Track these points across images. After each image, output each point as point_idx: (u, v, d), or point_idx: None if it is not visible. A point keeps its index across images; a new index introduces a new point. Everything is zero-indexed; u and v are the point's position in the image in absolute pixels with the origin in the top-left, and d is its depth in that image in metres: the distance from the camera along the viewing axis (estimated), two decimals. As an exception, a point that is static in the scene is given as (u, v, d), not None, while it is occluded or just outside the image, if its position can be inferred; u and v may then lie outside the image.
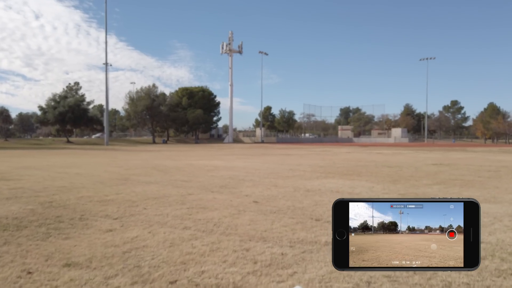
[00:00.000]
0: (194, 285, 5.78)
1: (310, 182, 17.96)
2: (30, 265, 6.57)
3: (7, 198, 13.29)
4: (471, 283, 5.85)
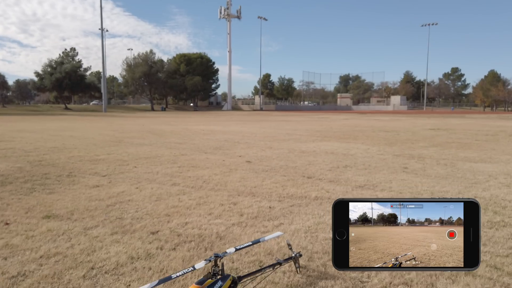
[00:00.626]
0: (176, 235, 5.62)
1: (305, 145, 17.74)
2: (8, 216, 6.40)
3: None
4: (461, 234, 5.69)
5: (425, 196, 7.82)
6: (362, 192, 8.29)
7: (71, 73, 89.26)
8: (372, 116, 59.08)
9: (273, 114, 67.81)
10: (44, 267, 4.43)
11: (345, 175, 10.28)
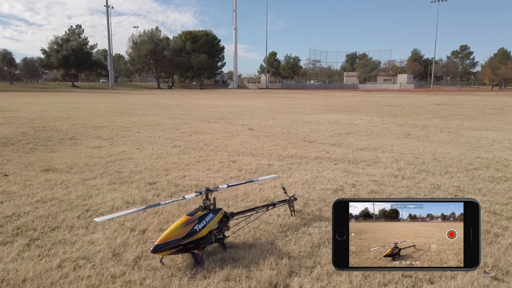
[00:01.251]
0: (174, 185, 5.62)
1: (308, 116, 17.60)
2: (8, 170, 6.44)
3: (0, 124, 13.14)
4: (461, 186, 5.62)
5: (426, 157, 7.72)
6: (363, 153, 8.21)
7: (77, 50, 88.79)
8: (378, 93, 58.42)
9: (279, 92, 67.33)
10: (39, 209, 4.46)
11: (347, 140, 10.19)
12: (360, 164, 7.17)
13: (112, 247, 3.48)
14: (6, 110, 19.14)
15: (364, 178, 6.07)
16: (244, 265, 3.16)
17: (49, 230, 3.88)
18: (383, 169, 6.73)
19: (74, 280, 2.91)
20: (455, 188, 5.50)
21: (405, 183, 5.75)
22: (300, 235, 3.81)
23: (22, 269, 3.03)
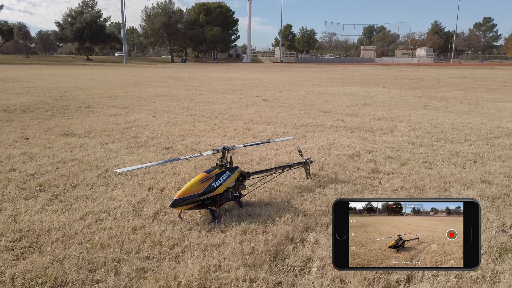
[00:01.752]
0: (189, 150, 5.67)
1: (324, 88, 17.37)
2: (28, 134, 6.58)
3: (19, 93, 13.35)
4: (481, 153, 5.53)
5: (445, 127, 7.59)
6: (379, 122, 8.11)
7: (91, 23, 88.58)
8: (396, 67, 57.10)
9: (293, 66, 66.42)
10: (60, 169, 4.57)
11: (363, 110, 10.05)
12: (376, 132, 7.09)
13: (131, 203, 3.56)
14: (23, 81, 19.38)
15: (381, 145, 6.02)
16: (260, 221, 3.20)
17: (71, 187, 3.99)
18: (400, 137, 6.65)
19: (96, 230, 3.00)
20: (474, 155, 5.41)
21: (422, 150, 5.68)
22: (316, 195, 3.83)
23: (46, 220, 3.14)
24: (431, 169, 4.73)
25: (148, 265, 2.53)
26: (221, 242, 2.86)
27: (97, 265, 2.50)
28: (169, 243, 2.82)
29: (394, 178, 4.38)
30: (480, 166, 4.86)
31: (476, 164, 4.99)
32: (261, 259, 2.62)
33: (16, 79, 20.58)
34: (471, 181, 4.28)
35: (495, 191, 3.95)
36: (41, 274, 2.36)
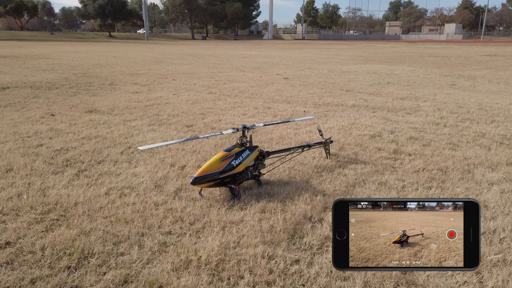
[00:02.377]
0: (210, 128, 5.72)
1: (346, 66, 17.02)
2: (54, 110, 6.76)
3: (44, 70, 13.64)
4: (508, 134, 5.37)
5: (471, 107, 7.36)
6: (403, 102, 7.93)
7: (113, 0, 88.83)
8: (422, 44, 55.22)
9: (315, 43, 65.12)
10: (85, 145, 4.70)
11: (386, 89, 9.83)
12: (399, 112, 6.95)
13: (153, 180, 3.65)
14: (48, 57, 19.75)
15: (404, 125, 5.91)
16: (279, 200, 3.24)
17: (95, 163, 4.11)
18: (424, 117, 6.50)
19: (120, 205, 3.10)
20: (501, 137, 5.25)
21: (447, 131, 5.55)
22: (335, 175, 3.83)
23: (73, 194, 3.26)
24: (455, 151, 4.63)
25: (169, 239, 2.61)
26: (240, 220, 2.92)
27: (121, 238, 2.60)
28: (189, 219, 2.89)
29: (416, 159, 4.32)
30: (507, 148, 4.73)
31: (502, 146, 4.85)
32: (279, 237, 2.66)
33: (41, 55, 20.98)
34: (496, 163, 4.18)
35: (521, 174, 3.85)
36: (68, 246, 2.47)
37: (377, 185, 3.58)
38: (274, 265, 2.35)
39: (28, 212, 2.94)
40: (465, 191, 3.48)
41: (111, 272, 2.22)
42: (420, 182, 3.65)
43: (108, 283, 2.13)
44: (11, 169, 3.83)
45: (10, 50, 26.09)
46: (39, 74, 12.29)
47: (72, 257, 2.36)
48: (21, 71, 13.04)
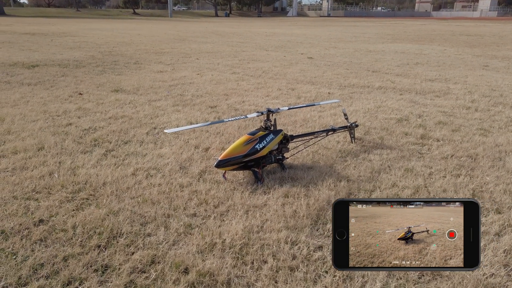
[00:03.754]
0: (233, 109, 5.72)
1: (373, 45, 16.54)
2: (82, 89, 6.89)
3: (71, 48, 13.87)
4: (541, 121, 5.14)
5: (505, 90, 7.06)
6: (432, 84, 7.68)
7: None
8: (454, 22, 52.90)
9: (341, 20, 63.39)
10: (112, 125, 4.80)
11: (415, 70, 9.53)
12: (428, 95, 6.75)
13: (178, 161, 3.70)
14: (75, 35, 20.04)
15: (432, 109, 5.74)
16: (302, 185, 3.23)
17: (122, 143, 4.19)
18: (454, 100, 6.29)
19: (147, 186, 3.17)
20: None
21: (478, 115, 5.36)
22: (360, 161, 3.78)
23: (101, 174, 3.36)
24: (485, 137, 4.48)
25: (194, 222, 2.66)
26: (264, 204, 2.94)
27: (148, 219, 2.67)
28: (214, 202, 2.93)
29: (444, 145, 4.21)
30: (542, 136, 4.54)
31: (537, 133, 4.66)
32: (302, 223, 2.67)
33: (68, 33, 21.29)
34: (529, 151, 4.02)
35: (556, 164, 3.70)
36: (98, 225, 2.56)
37: (403, 172, 3.52)
38: (297, 250, 2.37)
39: (60, 190, 3.05)
40: (495, 179, 3.38)
41: (138, 252, 2.30)
42: (448, 170, 3.57)
43: (136, 263, 2.20)
44: (42, 147, 3.96)
45: (38, 27, 26.58)
46: (66, 52, 12.51)
47: (102, 236, 2.45)
48: (49, 49, 13.31)
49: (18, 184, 3.13)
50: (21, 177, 3.25)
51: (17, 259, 2.21)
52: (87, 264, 2.18)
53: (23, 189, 3.05)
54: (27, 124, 4.75)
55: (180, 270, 2.14)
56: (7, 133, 4.37)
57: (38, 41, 16.18)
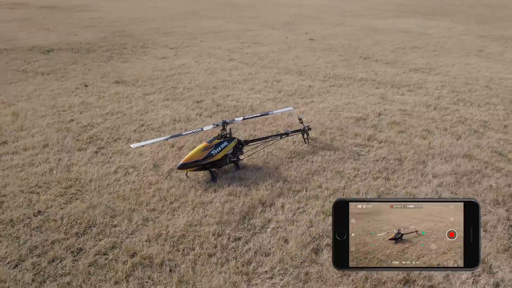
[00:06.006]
0: (216, 105, 6.47)
1: (382, 21, 16.57)
2: (88, 80, 7.75)
3: (86, 26, 14.67)
4: (490, 120, 5.68)
5: (479, 84, 7.47)
6: (413, 76, 8.14)
7: None
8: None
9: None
10: (107, 121, 5.66)
11: (407, 57, 9.90)
12: (401, 89, 7.27)
13: (154, 160, 4.55)
14: (92, 9, 20.71)
15: (395, 107, 6.32)
16: (247, 184, 4.03)
17: (112, 141, 5.07)
18: (422, 96, 6.82)
19: (123, 183, 4.05)
20: (481, 123, 5.59)
21: (432, 115, 5.93)
22: (304, 162, 4.52)
23: (90, 171, 4.25)
24: (424, 139, 5.10)
25: (151, 215, 3.53)
26: (210, 201, 3.77)
27: (117, 212, 3.56)
28: (171, 199, 3.78)
29: (383, 147, 4.87)
30: (476, 138, 5.12)
31: (475, 134, 5.24)
32: (233, 218, 3.50)
33: (85, 7, 21.95)
34: (454, 154, 4.65)
35: (469, 167, 4.34)
36: (79, 217, 3.47)
37: (334, 174, 4.25)
38: (219, 241, 3.22)
39: (56, 186, 3.97)
40: (405, 182, 4.08)
41: (104, 239, 3.20)
42: (372, 172, 4.28)
43: (101, 247, 3.10)
44: (47, 144, 4.88)
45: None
46: (80, 32, 13.31)
47: (81, 226, 3.35)
48: (65, 28, 14.16)
49: (25, 179, 4.07)
50: (28, 173, 4.18)
51: (20, 242, 3.15)
52: (67, 247, 3.09)
53: (29, 183, 3.99)
54: (37, 120, 5.67)
55: (129, 254, 3.02)
56: (20, 130, 5.31)
57: (56, 17, 17.02)
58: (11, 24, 15.09)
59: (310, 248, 3.13)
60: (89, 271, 2.83)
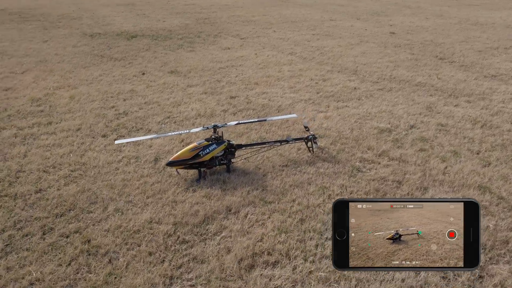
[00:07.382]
0: (246, 102, 6.55)
1: (492, 13, 14.55)
2: (147, 68, 8.45)
3: (177, 13, 15.77)
4: None
5: None
6: (486, 83, 7.12)
7: None
8: None
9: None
10: (141, 111, 6.18)
11: (492, 59, 8.65)
12: (459, 99, 6.48)
13: (159, 153, 4.88)
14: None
15: (435, 119, 5.66)
16: (226, 189, 4.11)
17: (135, 130, 5.55)
18: (478, 109, 5.99)
19: (120, 172, 4.45)
20: None
21: (473, 134, 5.17)
22: (295, 172, 4.40)
23: (99, 158, 4.75)
24: (443, 162, 4.52)
25: (124, 207, 3.86)
26: (183, 201, 3.95)
27: (99, 199, 3.96)
28: (149, 193, 4.07)
29: (390, 166, 4.46)
30: (508, 168, 4.36)
31: (508, 164, 4.47)
32: (193, 221, 3.64)
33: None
34: (465, 185, 4.06)
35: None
36: (66, 199, 3.96)
37: (317, 189, 4.07)
38: (167, 240, 3.40)
39: (66, 168, 4.55)
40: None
41: (74, 223, 3.62)
42: (358, 193, 3.99)
43: (67, 230, 3.52)
44: (80, 128, 5.56)
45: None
46: (169, 19, 14.39)
47: (63, 208, 3.84)
48: (158, 14, 15.43)
49: (47, 158, 4.74)
50: (52, 153, 4.86)
51: (11, 215, 3.74)
52: (43, 225, 3.58)
53: (47, 163, 4.64)
54: (86, 104, 6.45)
55: (84, 240, 3.39)
56: (67, 112, 6.12)
57: (156, 3, 18.52)
58: (115, 8, 16.96)
59: (245, 263, 3.13)
60: (45, 250, 3.27)
